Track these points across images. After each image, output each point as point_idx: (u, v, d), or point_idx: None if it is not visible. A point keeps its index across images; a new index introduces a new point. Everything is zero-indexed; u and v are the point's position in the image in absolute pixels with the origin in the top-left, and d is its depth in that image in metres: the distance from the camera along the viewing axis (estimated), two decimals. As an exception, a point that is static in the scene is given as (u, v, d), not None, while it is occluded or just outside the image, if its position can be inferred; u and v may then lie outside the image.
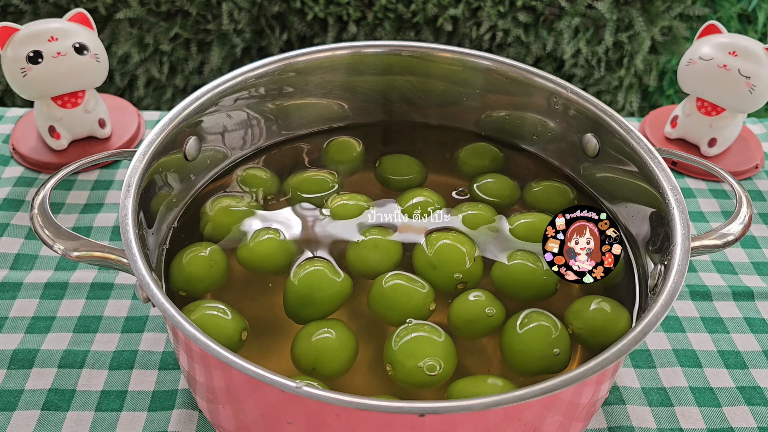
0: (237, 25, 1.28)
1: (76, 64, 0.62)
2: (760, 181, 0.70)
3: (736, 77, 0.65)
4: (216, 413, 0.42)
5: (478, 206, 0.52)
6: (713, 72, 0.65)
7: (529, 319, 0.44)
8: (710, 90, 0.67)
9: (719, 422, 0.48)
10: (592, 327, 0.44)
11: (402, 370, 0.41)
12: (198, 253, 0.47)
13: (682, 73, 0.68)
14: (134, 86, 1.36)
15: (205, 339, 0.34)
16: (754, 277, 0.59)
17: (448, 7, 1.26)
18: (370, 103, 0.59)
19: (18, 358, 0.50)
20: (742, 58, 0.65)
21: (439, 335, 0.42)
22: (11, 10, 1.29)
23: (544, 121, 0.55)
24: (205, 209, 0.51)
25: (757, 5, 1.34)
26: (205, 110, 0.50)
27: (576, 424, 0.41)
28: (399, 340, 0.42)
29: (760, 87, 0.65)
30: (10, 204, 0.62)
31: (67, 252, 0.39)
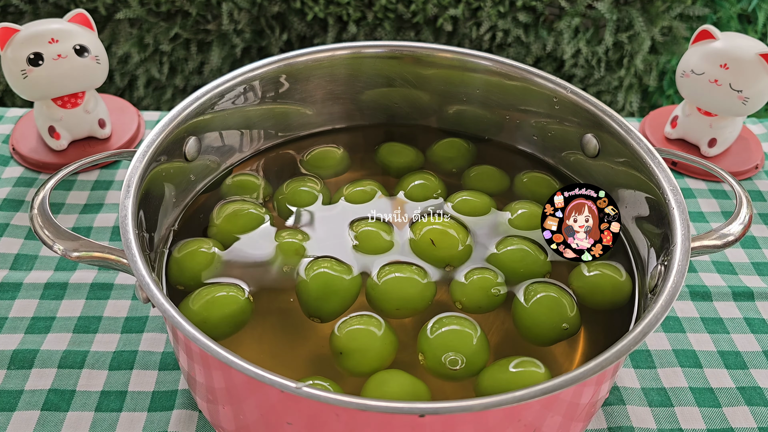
0: (237, 25, 1.28)
1: (76, 66, 0.62)
2: (760, 181, 0.70)
3: (728, 92, 0.65)
4: (216, 414, 0.42)
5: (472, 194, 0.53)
6: (706, 86, 0.66)
7: (535, 291, 0.45)
8: (705, 101, 0.67)
9: (719, 422, 0.48)
10: (590, 285, 0.46)
11: (433, 361, 0.42)
12: (198, 248, 0.47)
13: (678, 82, 0.69)
14: (134, 86, 1.36)
15: (205, 339, 0.34)
16: (754, 277, 0.59)
17: (448, 8, 1.26)
18: (370, 103, 0.59)
19: (18, 358, 0.50)
20: (732, 72, 0.64)
21: (473, 330, 0.43)
22: (11, 10, 1.29)
23: (544, 122, 0.55)
24: (212, 216, 0.50)
25: (757, 5, 1.34)
26: (205, 110, 0.50)
27: (576, 424, 0.41)
28: (435, 331, 0.43)
29: (753, 98, 0.65)
30: (10, 204, 0.62)
31: (66, 252, 0.39)
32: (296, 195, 0.52)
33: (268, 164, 0.56)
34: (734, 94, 0.65)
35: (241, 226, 0.50)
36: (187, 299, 0.44)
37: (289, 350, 0.44)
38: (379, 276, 0.46)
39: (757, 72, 0.64)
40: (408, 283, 0.46)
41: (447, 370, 0.42)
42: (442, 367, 0.42)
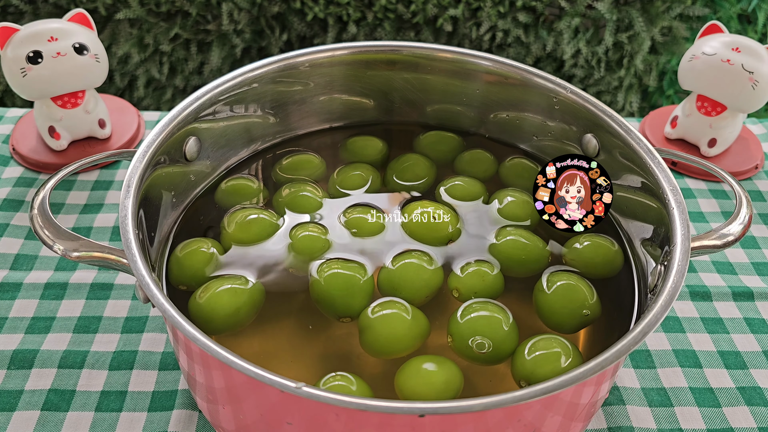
0: (237, 25, 1.28)
1: (75, 64, 0.62)
2: (760, 181, 0.70)
3: (740, 71, 0.65)
4: (216, 414, 0.42)
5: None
6: (716, 67, 0.65)
7: (554, 281, 0.46)
8: (712, 86, 0.67)
9: (719, 422, 0.48)
10: (583, 258, 0.48)
11: (461, 344, 0.43)
12: (199, 248, 0.47)
13: (684, 69, 0.68)
14: (134, 86, 1.36)
15: (205, 339, 0.34)
16: (754, 277, 0.59)
17: (448, 8, 1.26)
18: (370, 103, 0.59)
19: (18, 358, 0.50)
20: (745, 54, 0.65)
21: (504, 315, 0.44)
22: (11, 10, 1.29)
23: (544, 122, 0.55)
24: (224, 224, 0.50)
25: (757, 5, 1.34)
26: (204, 110, 0.50)
27: (576, 424, 0.41)
28: (465, 315, 0.43)
29: (762, 84, 0.65)
30: (10, 204, 0.62)
31: (66, 252, 0.39)
32: (296, 199, 0.53)
33: (266, 165, 0.56)
34: (745, 74, 0.65)
35: (254, 234, 0.49)
36: (195, 293, 0.45)
37: (306, 347, 0.44)
38: (393, 263, 0.47)
39: (766, 63, 0.65)
40: (418, 271, 0.46)
41: (474, 353, 0.42)
42: (469, 351, 0.42)
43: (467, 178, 0.54)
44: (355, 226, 0.50)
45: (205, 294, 0.44)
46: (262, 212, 0.50)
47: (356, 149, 0.57)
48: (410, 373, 0.41)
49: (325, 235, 0.49)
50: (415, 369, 0.41)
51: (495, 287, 0.46)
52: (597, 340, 0.45)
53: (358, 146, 0.58)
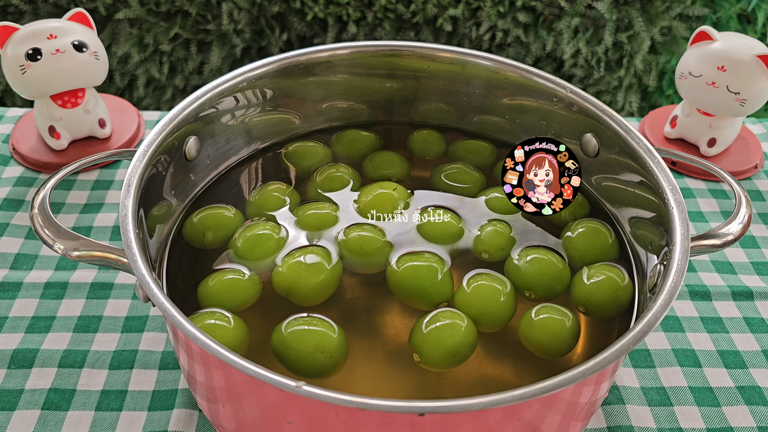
0: (237, 25, 1.28)
1: (75, 62, 0.62)
2: (759, 181, 0.70)
3: (726, 94, 0.65)
4: (216, 413, 0.42)
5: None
6: (703, 89, 0.66)
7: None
8: (703, 103, 0.68)
9: (719, 422, 0.48)
10: (578, 247, 0.49)
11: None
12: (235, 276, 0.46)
13: (677, 83, 0.69)
14: (134, 86, 1.36)
15: (205, 338, 0.34)
16: (754, 277, 0.59)
17: (448, 8, 1.26)
18: (370, 102, 0.59)
19: (18, 357, 0.50)
20: (730, 74, 0.64)
21: (503, 285, 0.45)
22: (11, 10, 1.29)
23: (544, 122, 0.55)
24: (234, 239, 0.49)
25: (757, 5, 1.34)
26: (204, 110, 0.50)
27: (575, 423, 0.41)
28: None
29: (751, 99, 0.65)
30: (10, 204, 0.62)
31: (67, 252, 0.39)
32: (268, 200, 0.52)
33: (266, 164, 0.56)
34: (732, 96, 0.65)
35: (265, 250, 0.48)
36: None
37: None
38: (398, 264, 0.47)
39: (754, 74, 0.64)
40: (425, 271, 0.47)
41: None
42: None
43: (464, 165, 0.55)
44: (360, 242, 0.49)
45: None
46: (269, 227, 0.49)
47: (348, 143, 0.58)
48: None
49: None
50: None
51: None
52: (596, 339, 0.45)
53: (350, 140, 0.58)
